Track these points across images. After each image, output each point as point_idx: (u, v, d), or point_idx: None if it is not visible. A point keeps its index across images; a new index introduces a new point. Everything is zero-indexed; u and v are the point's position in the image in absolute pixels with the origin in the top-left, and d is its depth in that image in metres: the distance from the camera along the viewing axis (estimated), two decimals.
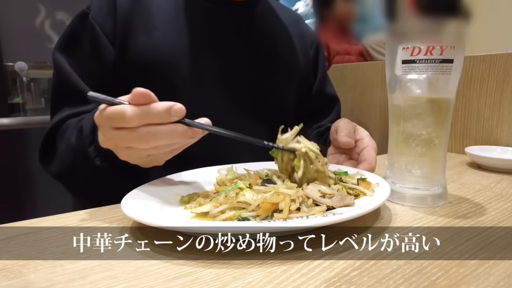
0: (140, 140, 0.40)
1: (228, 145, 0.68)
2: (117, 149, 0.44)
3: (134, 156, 0.44)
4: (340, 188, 0.45)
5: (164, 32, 0.64)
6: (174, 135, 0.40)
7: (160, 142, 0.41)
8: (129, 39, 0.62)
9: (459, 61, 0.44)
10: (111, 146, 0.43)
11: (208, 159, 0.60)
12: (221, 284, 0.28)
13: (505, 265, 0.31)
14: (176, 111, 0.39)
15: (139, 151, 0.42)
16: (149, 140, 0.40)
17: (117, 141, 0.42)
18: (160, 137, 0.40)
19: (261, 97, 0.73)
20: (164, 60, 0.63)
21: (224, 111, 0.68)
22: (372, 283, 0.28)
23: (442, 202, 0.48)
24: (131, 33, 0.63)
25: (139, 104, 0.39)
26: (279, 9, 0.81)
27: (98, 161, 0.51)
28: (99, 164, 0.51)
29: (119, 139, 0.41)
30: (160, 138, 0.40)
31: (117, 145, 0.43)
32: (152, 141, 0.40)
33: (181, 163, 0.56)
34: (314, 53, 0.84)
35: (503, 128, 0.82)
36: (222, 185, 0.50)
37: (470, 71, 0.87)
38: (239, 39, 0.71)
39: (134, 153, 0.43)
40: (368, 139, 0.59)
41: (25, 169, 1.57)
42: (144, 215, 0.36)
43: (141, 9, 0.64)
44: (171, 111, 0.39)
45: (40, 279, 0.30)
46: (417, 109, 0.46)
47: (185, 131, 0.41)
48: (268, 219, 0.38)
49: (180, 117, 0.40)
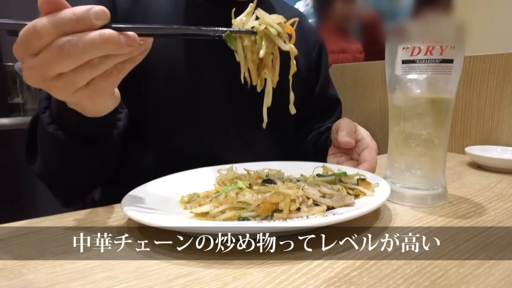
0: (61, 53, 0.32)
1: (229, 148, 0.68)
2: (47, 83, 0.36)
3: (69, 87, 0.36)
4: (340, 188, 0.45)
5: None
6: (101, 42, 0.33)
7: (87, 55, 0.33)
8: None
9: (459, 61, 0.44)
10: (38, 80, 0.35)
11: (208, 160, 0.59)
12: (221, 284, 0.28)
13: (505, 265, 0.31)
14: (97, 12, 0.33)
15: (70, 77, 0.35)
16: (72, 52, 0.32)
17: (40, 69, 0.34)
18: (85, 47, 0.32)
19: (261, 98, 0.73)
20: (165, 60, 0.63)
21: (224, 112, 0.68)
22: (372, 283, 0.28)
23: (442, 202, 0.48)
24: None
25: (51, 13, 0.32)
26: (282, 8, 0.80)
27: (51, 128, 0.47)
28: (53, 132, 0.47)
29: (41, 65, 0.34)
30: (85, 48, 0.33)
31: (43, 76, 0.34)
32: (76, 54, 0.33)
33: (181, 164, 0.56)
34: (317, 53, 0.84)
35: (503, 128, 0.82)
36: (222, 185, 0.50)
37: (470, 71, 0.87)
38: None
39: (67, 83, 0.35)
40: (369, 140, 0.59)
41: (25, 169, 1.57)
42: (144, 215, 0.36)
43: (141, 10, 0.63)
44: (90, 12, 0.32)
45: (40, 279, 0.30)
46: (417, 109, 0.46)
47: (114, 35, 0.33)
48: (268, 219, 0.38)
49: (103, 20, 0.33)
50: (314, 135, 0.79)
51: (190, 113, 0.65)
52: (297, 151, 0.84)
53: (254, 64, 0.41)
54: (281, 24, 0.41)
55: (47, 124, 0.48)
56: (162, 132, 0.65)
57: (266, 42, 0.39)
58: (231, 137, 0.69)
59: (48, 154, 0.52)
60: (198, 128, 0.66)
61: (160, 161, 0.65)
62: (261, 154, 0.68)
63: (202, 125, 0.66)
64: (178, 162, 0.58)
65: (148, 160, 0.65)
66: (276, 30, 0.39)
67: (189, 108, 0.65)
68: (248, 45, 0.41)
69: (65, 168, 0.53)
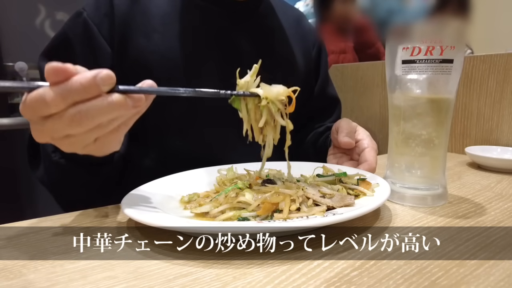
0: (72, 123, 0.33)
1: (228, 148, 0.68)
2: (56, 142, 0.37)
3: (78, 144, 0.37)
4: (340, 188, 0.45)
5: (164, 34, 0.64)
6: (110, 108, 0.34)
7: (96, 121, 0.34)
8: (128, 42, 0.62)
9: (459, 61, 0.44)
10: (47, 139, 0.37)
11: (208, 161, 0.59)
12: (221, 284, 0.28)
13: (505, 265, 0.31)
14: (103, 78, 0.33)
15: (79, 137, 0.36)
16: (83, 121, 0.33)
17: (50, 132, 0.35)
18: (95, 115, 0.34)
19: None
20: (165, 62, 0.63)
21: (225, 113, 0.69)
22: (372, 283, 0.28)
23: (442, 202, 0.48)
24: (130, 36, 0.62)
25: (59, 83, 0.33)
26: (282, 7, 0.80)
27: (55, 156, 0.48)
28: (56, 160, 0.49)
29: (51, 129, 0.35)
30: (95, 115, 0.34)
31: (52, 136, 0.36)
32: (86, 122, 0.34)
33: (181, 164, 0.56)
34: (317, 53, 0.84)
35: (503, 128, 0.82)
36: (222, 185, 0.50)
37: (470, 71, 0.87)
38: (239, 39, 0.71)
39: (76, 141, 0.37)
40: (369, 140, 0.59)
41: (25, 169, 1.57)
42: (144, 215, 0.36)
43: (140, 11, 0.63)
44: (97, 79, 0.33)
45: (40, 279, 0.30)
46: (417, 109, 0.46)
47: (122, 100, 0.34)
48: (268, 219, 0.38)
49: (110, 85, 0.34)
50: (314, 135, 0.79)
51: (190, 115, 0.65)
52: (297, 151, 0.84)
53: (256, 123, 0.44)
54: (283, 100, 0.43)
55: (51, 151, 0.49)
56: (162, 132, 0.65)
57: (267, 113, 0.42)
58: (231, 137, 0.69)
59: (50, 170, 0.54)
60: (198, 129, 0.66)
61: (160, 162, 0.65)
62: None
63: (202, 125, 0.66)
64: (178, 162, 0.58)
65: (148, 161, 0.65)
66: (277, 107, 0.42)
67: (190, 110, 0.65)
68: (251, 107, 0.43)
69: (66, 183, 0.55)
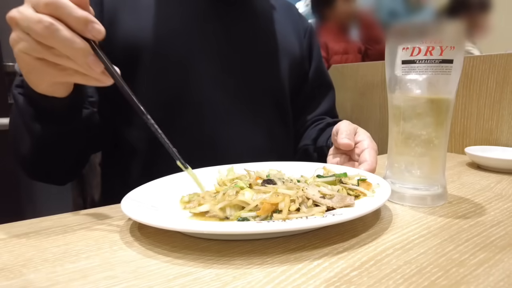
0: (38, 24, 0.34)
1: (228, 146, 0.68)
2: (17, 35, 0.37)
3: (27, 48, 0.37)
4: (340, 188, 0.45)
5: (152, 14, 0.64)
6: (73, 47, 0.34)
7: (55, 43, 0.35)
8: (116, 23, 0.62)
9: (458, 61, 0.44)
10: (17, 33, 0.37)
11: (208, 159, 0.59)
12: (221, 284, 0.28)
13: (505, 265, 0.31)
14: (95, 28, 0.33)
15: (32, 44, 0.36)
16: (46, 32, 0.34)
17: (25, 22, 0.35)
18: (59, 37, 0.34)
19: (254, 79, 0.73)
20: (153, 41, 0.63)
21: (215, 95, 0.68)
22: (372, 283, 0.28)
23: (442, 202, 0.48)
24: (119, 17, 0.63)
25: None
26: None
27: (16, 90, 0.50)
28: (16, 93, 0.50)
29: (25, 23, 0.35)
30: (58, 38, 0.34)
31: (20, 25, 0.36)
32: (49, 36, 0.34)
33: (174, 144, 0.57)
34: (308, 38, 0.86)
35: (503, 128, 0.82)
36: (222, 185, 0.50)
37: (470, 71, 0.87)
38: (230, 21, 0.71)
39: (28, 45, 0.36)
40: (369, 141, 0.59)
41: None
42: (144, 215, 0.36)
43: (130, 4, 0.64)
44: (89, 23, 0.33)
45: (40, 279, 0.30)
46: (417, 109, 0.46)
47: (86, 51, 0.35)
48: (268, 219, 0.38)
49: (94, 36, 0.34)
50: (314, 131, 0.80)
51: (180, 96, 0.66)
52: (297, 152, 0.84)
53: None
54: None
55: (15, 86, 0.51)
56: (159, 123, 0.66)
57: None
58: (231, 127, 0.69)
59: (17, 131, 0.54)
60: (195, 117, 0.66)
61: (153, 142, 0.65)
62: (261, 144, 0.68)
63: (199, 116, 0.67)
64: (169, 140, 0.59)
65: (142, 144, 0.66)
66: None
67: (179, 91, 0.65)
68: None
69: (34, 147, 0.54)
